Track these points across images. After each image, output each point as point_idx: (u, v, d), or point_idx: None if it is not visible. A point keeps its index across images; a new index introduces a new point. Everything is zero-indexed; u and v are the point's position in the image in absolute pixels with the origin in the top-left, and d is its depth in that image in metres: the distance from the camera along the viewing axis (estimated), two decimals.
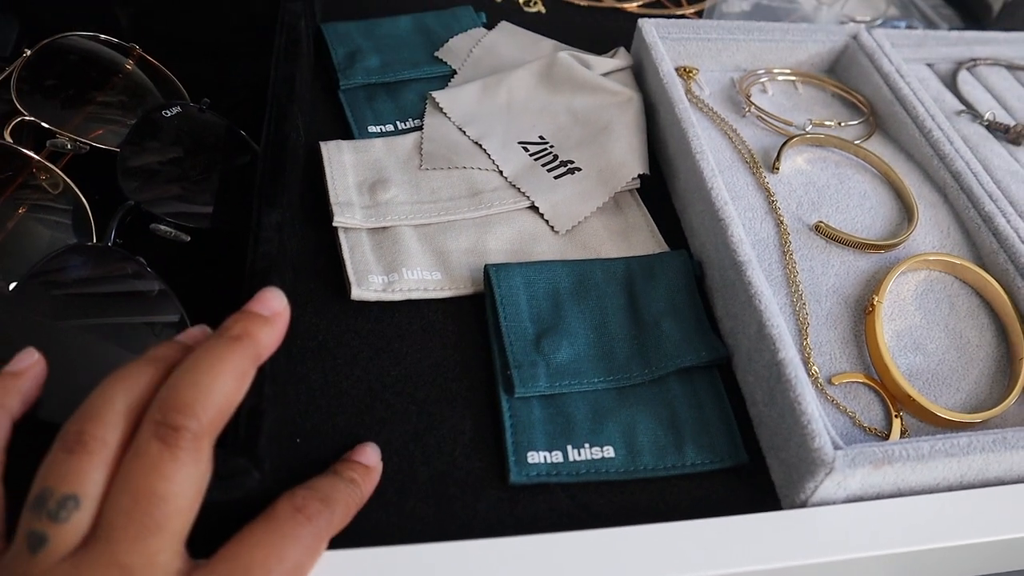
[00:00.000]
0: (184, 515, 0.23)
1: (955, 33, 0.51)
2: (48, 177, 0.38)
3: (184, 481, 0.23)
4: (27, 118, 0.38)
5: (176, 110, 0.39)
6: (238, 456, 0.27)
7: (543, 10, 0.54)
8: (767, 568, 0.29)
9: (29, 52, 0.40)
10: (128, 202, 0.36)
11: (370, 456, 0.31)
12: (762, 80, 0.48)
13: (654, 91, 0.44)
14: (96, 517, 0.23)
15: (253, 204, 0.34)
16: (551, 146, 0.43)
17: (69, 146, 0.39)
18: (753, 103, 0.46)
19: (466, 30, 0.49)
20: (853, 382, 0.35)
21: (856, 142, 0.44)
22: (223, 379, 0.24)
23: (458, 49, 0.48)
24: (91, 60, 0.42)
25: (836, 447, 0.30)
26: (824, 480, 0.30)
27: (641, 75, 0.46)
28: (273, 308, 0.27)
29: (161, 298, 0.33)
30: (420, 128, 0.44)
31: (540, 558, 0.29)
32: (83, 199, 0.37)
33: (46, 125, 0.38)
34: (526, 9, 0.54)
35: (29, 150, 0.37)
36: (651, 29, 0.46)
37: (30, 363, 0.27)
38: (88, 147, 0.39)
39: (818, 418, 0.30)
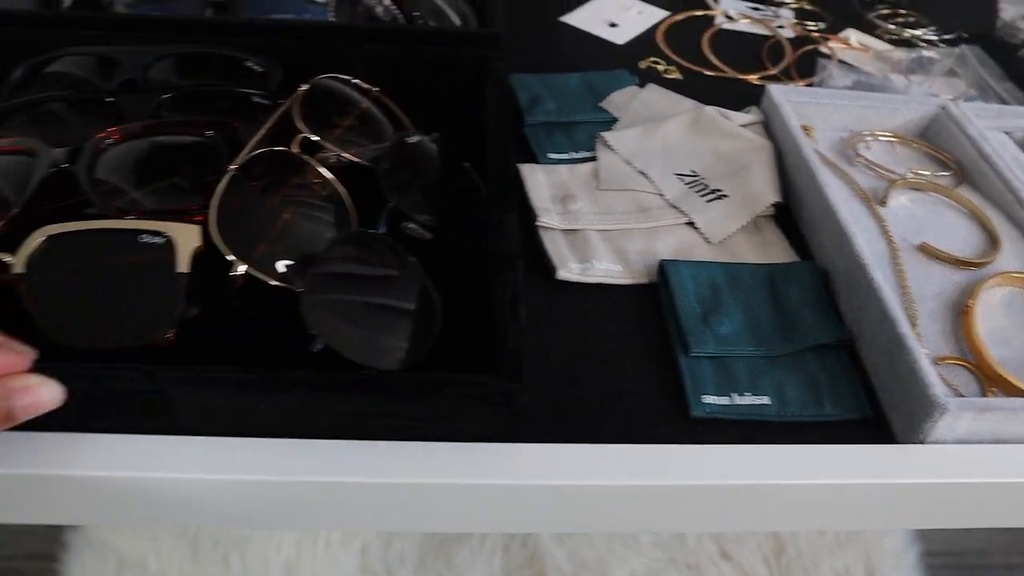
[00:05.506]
0: None
1: None
2: (319, 181, 0.49)
3: None
4: (307, 135, 0.49)
5: (417, 138, 0.51)
6: (512, 382, 0.35)
7: (679, 76, 0.66)
8: (895, 483, 0.38)
9: (305, 86, 0.52)
10: (390, 204, 0.47)
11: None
12: (866, 139, 0.59)
13: (782, 140, 0.55)
14: None
15: (491, 208, 0.45)
16: (702, 178, 0.53)
17: (332, 159, 0.51)
18: (861, 155, 0.56)
19: (623, 87, 0.61)
20: (954, 364, 0.44)
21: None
22: None
23: (618, 101, 0.60)
24: (343, 96, 0.54)
25: (948, 396, 0.39)
26: (939, 421, 0.39)
27: (770, 128, 0.57)
28: None
29: (416, 277, 0.44)
30: (590, 158, 0.55)
31: (712, 462, 0.38)
32: (346, 199, 0.48)
33: (320, 141, 0.50)
34: (665, 76, 0.66)
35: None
36: (779, 92, 0.57)
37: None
38: (346, 161, 0.51)
39: (934, 373, 0.39)
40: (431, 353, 0.41)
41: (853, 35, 0.73)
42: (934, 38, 0.75)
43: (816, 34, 0.73)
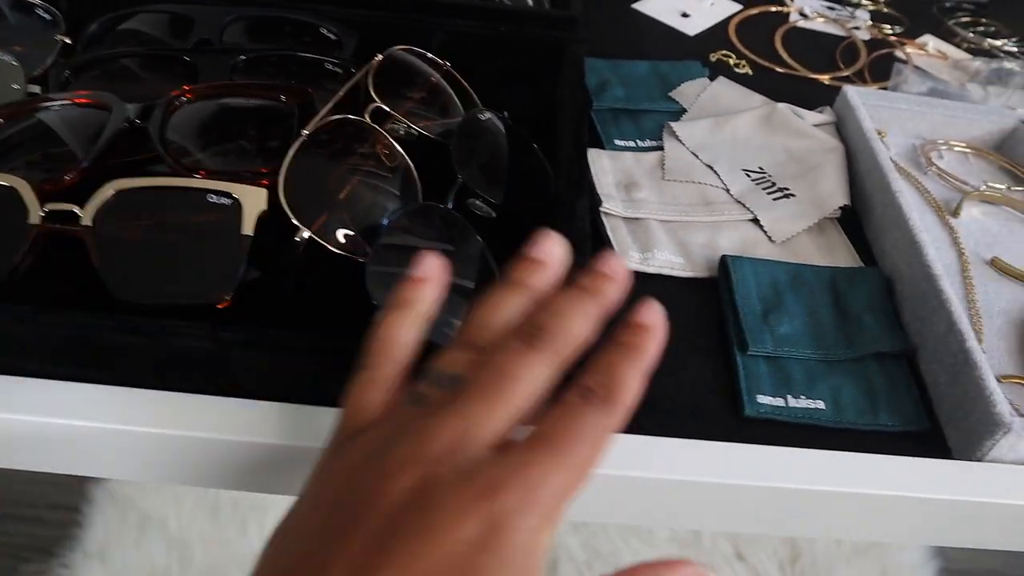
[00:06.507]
0: (525, 400, 0.28)
1: None
2: (388, 152, 0.49)
3: (534, 374, 0.28)
4: (379, 105, 0.49)
5: (488, 115, 0.51)
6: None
7: (750, 72, 0.65)
8: (949, 499, 0.38)
9: (380, 56, 0.52)
10: (459, 179, 0.47)
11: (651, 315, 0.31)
12: (940, 148, 0.58)
13: (855, 143, 0.54)
14: None
15: (563, 191, 0.45)
16: (769, 175, 0.53)
17: (402, 131, 0.51)
18: (934, 164, 0.55)
19: (693, 79, 0.61)
20: (1017, 383, 0.44)
21: None
22: (579, 320, 0.30)
23: (688, 92, 0.59)
24: (416, 69, 0.54)
25: (1012, 415, 0.38)
26: (1001, 439, 0.38)
27: (843, 130, 0.56)
28: (612, 269, 0.32)
29: (480, 256, 0.44)
30: (657, 148, 0.55)
31: (763, 464, 0.38)
32: (414, 172, 0.48)
33: (392, 112, 0.50)
34: (736, 70, 0.65)
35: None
36: (854, 94, 0.56)
37: (435, 272, 0.33)
38: (416, 134, 0.51)
39: (999, 391, 0.39)
40: None
41: (931, 41, 0.72)
42: (1015, 49, 0.73)
43: (892, 38, 0.72)
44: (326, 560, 0.24)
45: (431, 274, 0.33)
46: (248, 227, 0.42)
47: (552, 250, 0.33)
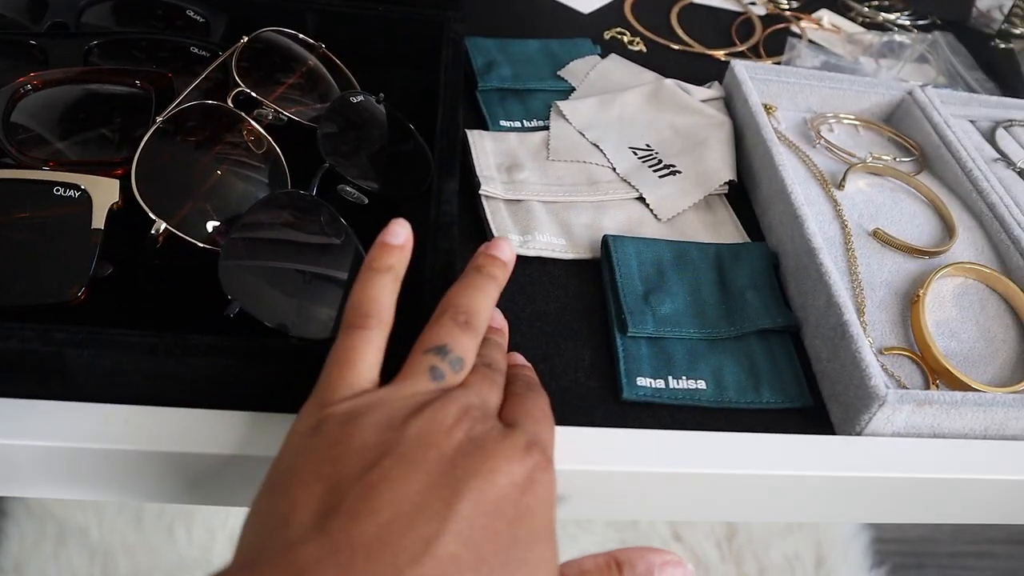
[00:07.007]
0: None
1: (995, 98, 0.60)
2: (255, 139, 0.46)
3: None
4: (243, 90, 0.47)
5: (360, 98, 0.49)
6: None
7: (644, 49, 0.64)
8: (825, 475, 0.37)
9: (246, 39, 0.49)
10: (325, 164, 0.45)
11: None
12: (830, 121, 0.57)
13: (742, 118, 0.53)
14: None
15: (433, 175, 0.43)
16: (656, 152, 0.52)
17: (271, 116, 0.48)
18: (823, 137, 0.55)
19: (583, 56, 0.59)
20: (900, 355, 0.43)
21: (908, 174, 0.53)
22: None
23: (577, 71, 0.58)
24: (287, 51, 0.51)
25: (888, 387, 0.38)
26: (877, 412, 0.37)
27: (731, 105, 0.55)
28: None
29: (346, 242, 0.42)
30: (544, 128, 0.53)
31: (642, 446, 0.37)
32: (283, 158, 0.46)
33: (257, 97, 0.47)
34: (630, 47, 0.64)
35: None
36: (742, 68, 0.55)
37: (407, 236, 0.35)
38: (286, 119, 0.48)
39: (875, 364, 0.38)
40: None
41: (826, 16, 0.71)
42: (907, 23, 0.73)
43: (788, 13, 0.71)
44: (374, 502, 0.26)
45: (403, 241, 0.35)
46: (99, 220, 0.40)
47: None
